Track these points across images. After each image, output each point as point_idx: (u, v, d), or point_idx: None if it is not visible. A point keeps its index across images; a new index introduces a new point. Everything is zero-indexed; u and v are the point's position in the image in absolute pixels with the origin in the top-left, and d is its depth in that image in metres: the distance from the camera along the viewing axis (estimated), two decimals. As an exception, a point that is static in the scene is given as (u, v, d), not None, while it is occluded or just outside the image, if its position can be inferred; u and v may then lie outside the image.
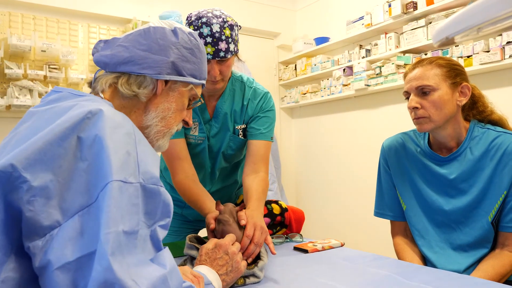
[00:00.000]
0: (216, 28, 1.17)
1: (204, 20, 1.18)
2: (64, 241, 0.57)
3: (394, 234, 1.39)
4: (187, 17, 1.23)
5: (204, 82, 0.92)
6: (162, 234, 0.66)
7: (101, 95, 0.82)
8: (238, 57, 1.32)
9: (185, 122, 0.93)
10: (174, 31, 0.84)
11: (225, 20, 1.20)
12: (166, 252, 0.65)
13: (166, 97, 0.85)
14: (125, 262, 0.57)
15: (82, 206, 0.59)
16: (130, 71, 0.80)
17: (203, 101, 0.95)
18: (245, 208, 1.16)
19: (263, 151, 1.39)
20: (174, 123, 0.88)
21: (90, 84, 0.87)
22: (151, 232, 0.64)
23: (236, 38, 1.24)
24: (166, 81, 0.84)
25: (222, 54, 1.20)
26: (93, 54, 0.86)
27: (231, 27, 1.21)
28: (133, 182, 0.62)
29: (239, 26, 1.26)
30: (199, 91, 0.91)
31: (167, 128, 0.87)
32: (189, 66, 0.86)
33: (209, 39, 1.17)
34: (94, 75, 0.85)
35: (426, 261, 1.28)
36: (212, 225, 1.10)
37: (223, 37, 1.18)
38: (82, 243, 0.57)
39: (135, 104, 0.83)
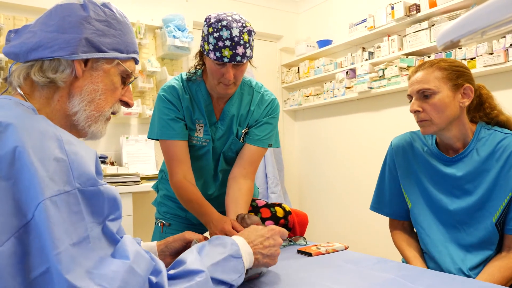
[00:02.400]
0: (235, 32, 1.18)
1: (224, 23, 1.18)
2: (8, 269, 0.54)
3: (392, 228, 1.43)
4: (206, 18, 1.24)
5: (134, 55, 0.84)
6: (114, 226, 0.65)
7: (19, 91, 0.75)
8: (250, 63, 1.33)
9: (124, 103, 0.85)
10: (84, 5, 0.77)
11: (244, 25, 1.21)
12: (126, 240, 0.64)
13: (90, 78, 0.77)
14: (84, 270, 0.56)
15: (17, 227, 0.56)
16: (42, 57, 0.74)
17: (137, 76, 0.86)
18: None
19: (256, 157, 1.40)
20: (106, 106, 0.81)
21: (6, 80, 0.79)
22: (102, 228, 0.62)
23: (252, 43, 1.25)
24: (86, 61, 0.77)
25: (239, 58, 1.20)
26: None
27: (249, 33, 1.22)
28: (70, 190, 0.60)
29: (254, 32, 1.27)
30: (131, 66, 0.84)
31: (98, 111, 0.80)
32: (109, 40, 0.78)
33: (227, 43, 1.18)
34: (9, 69, 0.78)
35: (429, 259, 1.28)
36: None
37: (242, 42, 1.19)
38: (32, 264, 0.56)
39: (56, 91, 0.76)
